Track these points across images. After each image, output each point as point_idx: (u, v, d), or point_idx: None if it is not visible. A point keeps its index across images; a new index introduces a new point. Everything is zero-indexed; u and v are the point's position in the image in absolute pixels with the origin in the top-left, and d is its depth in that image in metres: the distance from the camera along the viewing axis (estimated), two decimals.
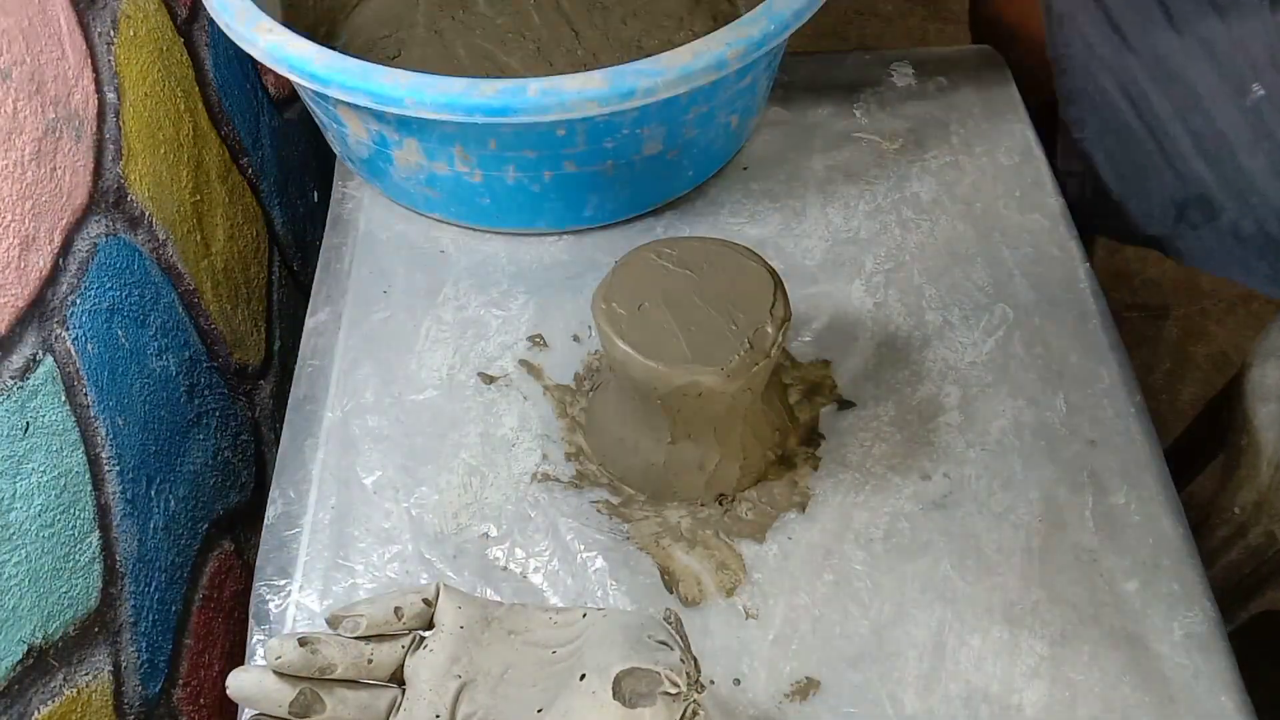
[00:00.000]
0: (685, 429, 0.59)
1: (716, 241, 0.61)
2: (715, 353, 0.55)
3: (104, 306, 0.60)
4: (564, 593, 0.60)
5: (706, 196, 0.79)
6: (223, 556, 0.73)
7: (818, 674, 0.57)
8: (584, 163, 0.70)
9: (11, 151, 0.52)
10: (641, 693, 0.42)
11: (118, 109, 0.63)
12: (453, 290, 0.74)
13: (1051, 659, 0.57)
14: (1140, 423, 0.66)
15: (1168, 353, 1.37)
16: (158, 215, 0.67)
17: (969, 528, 0.62)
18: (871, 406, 0.67)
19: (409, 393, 0.69)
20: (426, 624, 0.49)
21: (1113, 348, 0.69)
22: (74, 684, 0.55)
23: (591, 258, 0.76)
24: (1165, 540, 0.61)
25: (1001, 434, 0.65)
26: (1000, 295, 0.72)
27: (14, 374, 0.51)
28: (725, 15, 0.85)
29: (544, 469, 0.65)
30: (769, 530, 0.62)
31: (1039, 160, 0.81)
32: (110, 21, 0.63)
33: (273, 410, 0.85)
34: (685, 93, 0.64)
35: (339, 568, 0.61)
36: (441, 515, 0.63)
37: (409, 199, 0.77)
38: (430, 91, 0.62)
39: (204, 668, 0.70)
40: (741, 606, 0.59)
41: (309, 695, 0.46)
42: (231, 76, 0.80)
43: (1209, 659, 0.57)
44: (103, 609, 0.58)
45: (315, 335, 0.72)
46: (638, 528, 0.62)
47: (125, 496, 0.61)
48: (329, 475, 0.65)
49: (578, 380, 0.69)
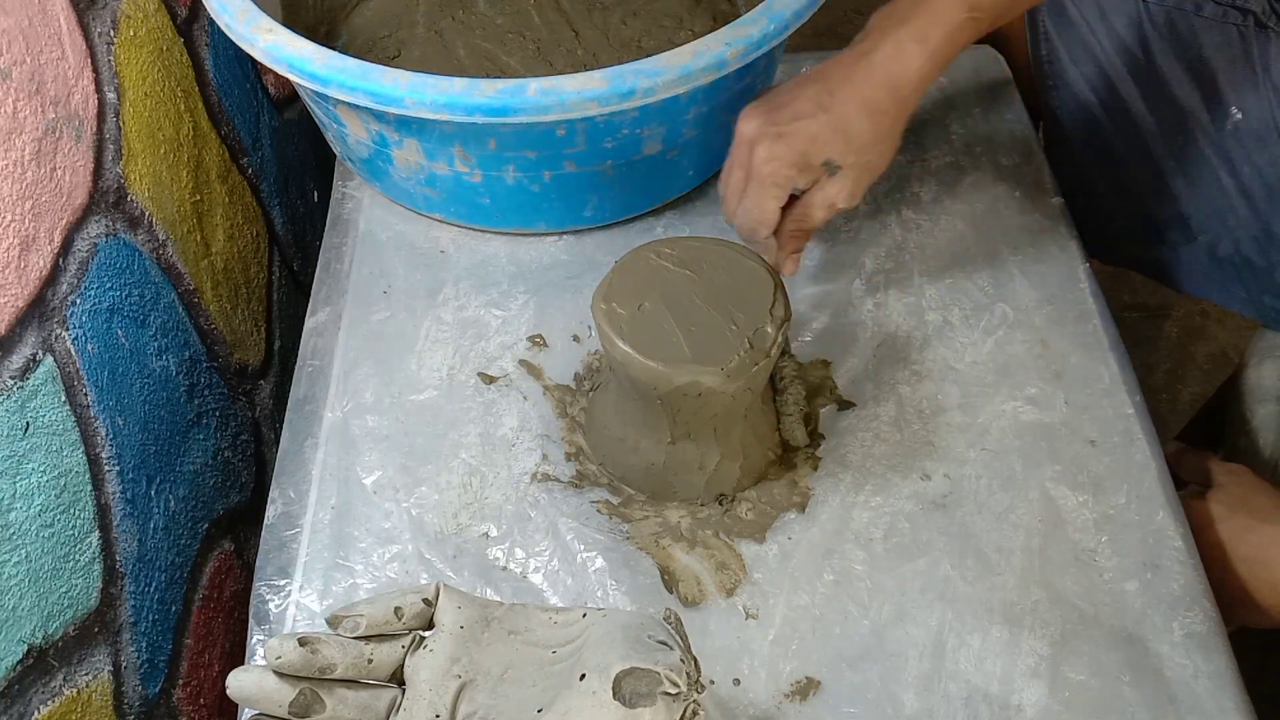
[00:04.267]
0: (685, 429, 0.59)
1: (716, 241, 0.61)
2: (715, 353, 0.55)
3: (104, 306, 0.60)
4: (564, 593, 0.60)
5: (706, 196, 0.79)
6: (223, 556, 0.73)
7: (818, 674, 0.57)
8: (584, 163, 0.70)
9: (11, 151, 0.52)
10: (641, 693, 0.42)
11: (118, 109, 0.63)
12: (453, 290, 0.74)
13: (1051, 659, 0.57)
14: (1140, 423, 0.66)
15: (1168, 353, 1.37)
16: (158, 215, 0.67)
17: (969, 528, 0.62)
18: (871, 406, 0.67)
19: (409, 393, 0.69)
20: (426, 624, 0.49)
21: (1113, 348, 0.69)
22: (74, 684, 0.55)
23: (591, 258, 0.76)
24: (1165, 540, 0.61)
25: (1001, 434, 0.65)
26: (1000, 295, 0.72)
27: (14, 374, 0.51)
28: (725, 15, 0.85)
29: (544, 469, 0.65)
30: (769, 530, 0.62)
31: (1039, 160, 0.81)
32: (110, 21, 0.63)
33: (273, 410, 0.85)
34: (685, 93, 0.64)
35: (339, 568, 0.61)
36: (441, 515, 0.63)
37: (409, 199, 0.77)
38: (430, 91, 0.62)
39: (204, 668, 0.70)
40: (741, 606, 0.59)
41: (309, 695, 0.46)
42: (231, 76, 0.80)
43: (1209, 659, 0.57)
44: (103, 609, 0.58)
45: (315, 335, 0.72)
46: (638, 528, 0.62)
47: (125, 496, 0.61)
48: (329, 475, 0.65)
49: (578, 380, 0.69)
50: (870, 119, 0.59)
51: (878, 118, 0.59)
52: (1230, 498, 0.64)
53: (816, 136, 0.59)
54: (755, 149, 0.60)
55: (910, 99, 0.60)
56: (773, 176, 0.60)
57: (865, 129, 0.59)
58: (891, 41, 0.59)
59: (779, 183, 0.60)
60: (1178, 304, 1.40)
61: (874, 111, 0.59)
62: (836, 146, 0.59)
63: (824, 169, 0.60)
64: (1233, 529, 0.63)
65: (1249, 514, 0.63)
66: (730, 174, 0.63)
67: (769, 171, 0.60)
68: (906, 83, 0.59)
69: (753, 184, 0.61)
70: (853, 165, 0.60)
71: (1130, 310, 1.39)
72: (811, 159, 0.60)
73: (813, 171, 0.60)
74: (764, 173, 0.60)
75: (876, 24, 0.61)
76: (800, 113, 0.59)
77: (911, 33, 0.59)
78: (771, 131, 0.59)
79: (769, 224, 0.62)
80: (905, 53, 0.59)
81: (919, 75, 0.59)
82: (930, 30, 0.58)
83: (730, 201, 0.64)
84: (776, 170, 0.60)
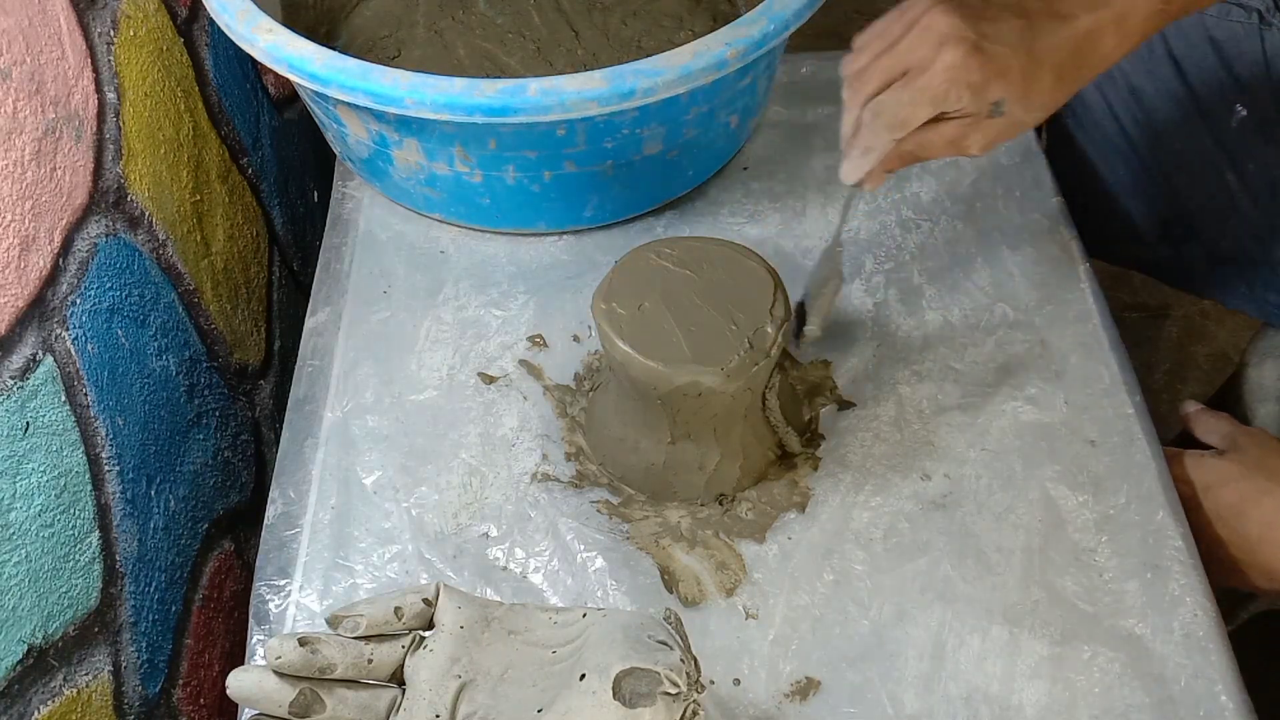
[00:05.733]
0: (685, 429, 0.59)
1: (716, 241, 0.61)
2: (715, 353, 0.55)
3: (104, 306, 0.60)
4: (564, 593, 0.60)
5: (706, 196, 0.79)
6: (223, 556, 0.73)
7: (818, 674, 0.57)
8: (584, 163, 0.70)
9: (11, 151, 0.52)
10: (641, 693, 0.42)
11: (118, 109, 0.63)
12: (453, 290, 0.74)
13: (1051, 659, 0.57)
14: (1140, 423, 0.66)
15: (1168, 353, 1.37)
16: (158, 215, 0.67)
17: (969, 528, 0.62)
18: (871, 406, 0.67)
19: (409, 393, 0.69)
20: (426, 624, 0.49)
21: (1113, 348, 0.69)
22: (74, 684, 0.55)
23: (591, 258, 0.76)
24: (1165, 540, 0.61)
25: (1001, 434, 0.65)
26: (1000, 295, 0.72)
27: (14, 374, 0.51)
28: (725, 15, 0.85)
29: (544, 469, 0.65)
30: (769, 530, 0.62)
31: (1039, 160, 0.81)
32: (110, 21, 0.63)
33: (273, 410, 0.85)
34: (685, 93, 0.64)
35: (339, 568, 0.61)
36: (441, 515, 0.63)
37: (409, 199, 0.77)
38: (430, 91, 0.62)
39: (204, 668, 0.70)
40: (741, 606, 0.59)
41: (309, 695, 0.46)
42: (231, 76, 0.80)
43: (1209, 659, 0.57)
44: (103, 609, 0.58)
45: (315, 335, 0.72)
46: (638, 528, 0.62)
47: (125, 496, 0.61)
48: (329, 475, 0.65)
49: (578, 380, 0.69)
50: (1056, 81, 0.55)
51: (1061, 83, 0.55)
52: (1249, 459, 0.65)
53: (1008, 71, 0.53)
54: (945, 48, 0.52)
55: (1089, 79, 0.57)
56: (949, 84, 0.53)
57: (1048, 89, 0.55)
58: (1093, 18, 0.55)
59: (951, 97, 0.53)
60: (1178, 304, 1.40)
61: (1062, 76, 0.55)
62: (1017, 90, 0.54)
63: (991, 108, 0.54)
64: (1249, 489, 0.63)
65: (1268, 477, 0.63)
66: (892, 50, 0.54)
67: (948, 79, 0.53)
68: (1095, 63, 0.56)
69: (923, 81, 0.53)
70: (1014, 117, 0.55)
71: (1130, 310, 1.39)
72: (991, 91, 0.53)
73: (980, 103, 0.54)
74: (940, 77, 0.53)
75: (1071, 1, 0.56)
76: (1003, 38, 0.53)
77: (1111, 16, 0.55)
78: (971, 39, 0.52)
79: (909, 128, 0.55)
80: (1104, 33, 0.55)
81: (1109, 59, 0.56)
82: (1129, 16, 0.55)
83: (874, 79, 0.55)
84: (956, 79, 0.52)
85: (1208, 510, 0.64)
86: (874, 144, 0.56)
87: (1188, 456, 0.66)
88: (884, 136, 0.55)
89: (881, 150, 0.56)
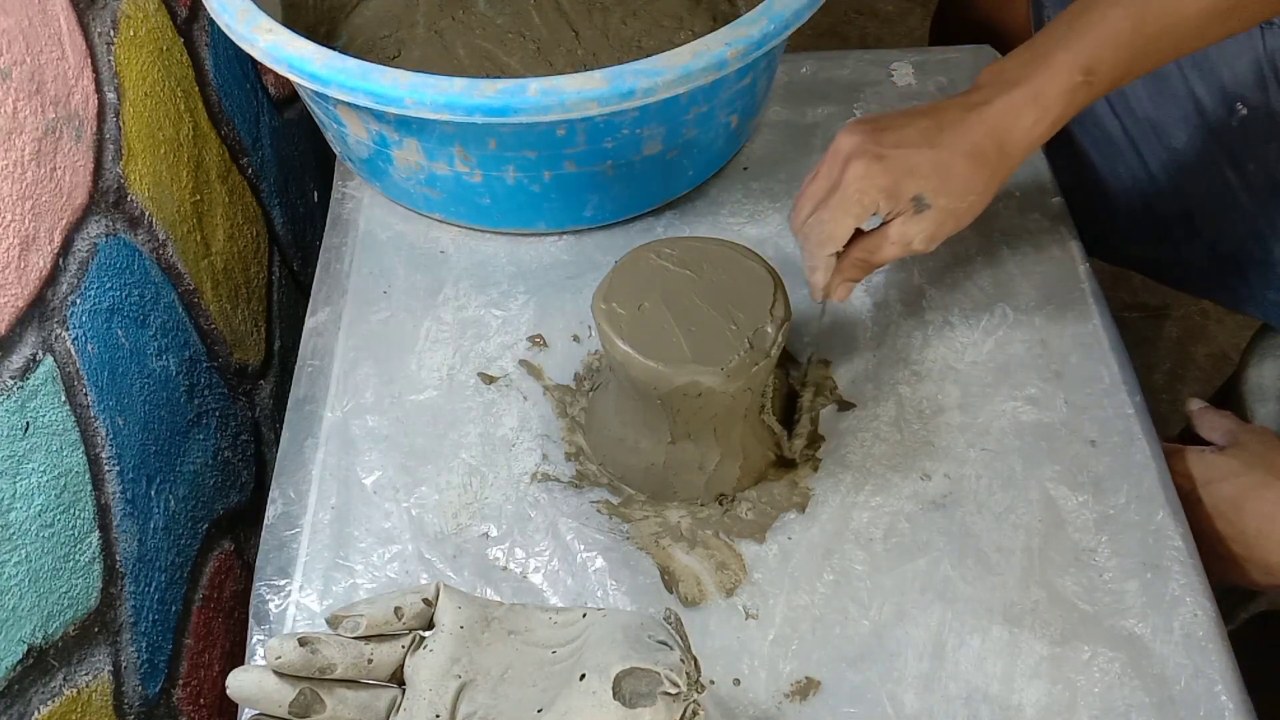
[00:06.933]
0: (685, 429, 0.59)
1: (716, 241, 0.61)
2: (715, 353, 0.55)
3: (104, 306, 0.60)
4: (564, 593, 0.60)
5: (706, 196, 0.79)
6: (223, 556, 0.73)
7: (818, 674, 0.57)
8: (584, 163, 0.70)
9: (11, 151, 0.52)
10: (641, 693, 0.42)
11: (118, 109, 0.63)
12: (453, 290, 0.74)
13: (1051, 659, 0.57)
14: (1140, 423, 0.66)
15: (1168, 353, 1.37)
16: (158, 215, 0.67)
17: (969, 528, 0.62)
18: (871, 406, 0.67)
19: (409, 393, 0.69)
20: (426, 624, 0.49)
21: (1113, 348, 0.69)
22: (74, 684, 0.55)
23: (591, 258, 0.76)
24: (1165, 540, 0.61)
25: (1001, 434, 0.65)
26: (1000, 295, 0.72)
27: (14, 374, 0.51)
28: (725, 15, 0.85)
29: (544, 469, 0.65)
30: (769, 530, 0.62)
31: (1039, 160, 0.81)
32: (110, 21, 0.63)
33: (273, 410, 0.85)
34: (685, 93, 0.64)
35: (339, 568, 0.61)
36: (441, 515, 0.63)
37: (409, 199, 0.77)
38: (430, 91, 0.62)
39: (204, 668, 0.70)
40: (741, 606, 0.59)
41: (309, 695, 0.46)
42: (231, 76, 0.80)
43: (1209, 659, 0.57)
44: (103, 609, 0.58)
45: (315, 335, 0.72)
46: (638, 528, 0.62)
47: (125, 496, 0.61)
48: (329, 475, 0.65)
49: (578, 380, 0.69)
50: (973, 166, 0.58)
51: (980, 167, 0.58)
52: (1251, 455, 0.65)
53: (916, 168, 0.57)
54: (850, 164, 0.58)
55: (1016, 158, 0.59)
56: (860, 195, 0.58)
57: (965, 174, 0.58)
58: (1005, 99, 0.58)
59: (864, 204, 0.58)
60: (1178, 304, 1.40)
61: (978, 159, 0.58)
62: (932, 183, 0.58)
63: (912, 204, 0.58)
64: (1249, 484, 0.64)
65: (1267, 471, 0.64)
66: (814, 182, 0.61)
67: (857, 190, 0.58)
68: (1016, 141, 0.58)
69: (836, 198, 0.59)
70: (942, 208, 0.58)
71: (1130, 310, 1.39)
72: (904, 190, 0.58)
73: (899, 203, 0.58)
74: (852, 190, 0.58)
75: (988, 80, 0.59)
76: (905, 141, 0.58)
77: (1026, 94, 0.57)
78: (872, 151, 0.58)
79: (839, 242, 0.60)
80: (1019, 111, 0.57)
81: (1029, 136, 0.58)
82: (1045, 91, 0.57)
83: (803, 209, 0.61)
84: (866, 190, 0.58)
85: (1207, 505, 0.64)
86: (815, 263, 0.61)
87: (1189, 451, 0.66)
88: (819, 254, 0.60)
89: (825, 267, 0.61)
